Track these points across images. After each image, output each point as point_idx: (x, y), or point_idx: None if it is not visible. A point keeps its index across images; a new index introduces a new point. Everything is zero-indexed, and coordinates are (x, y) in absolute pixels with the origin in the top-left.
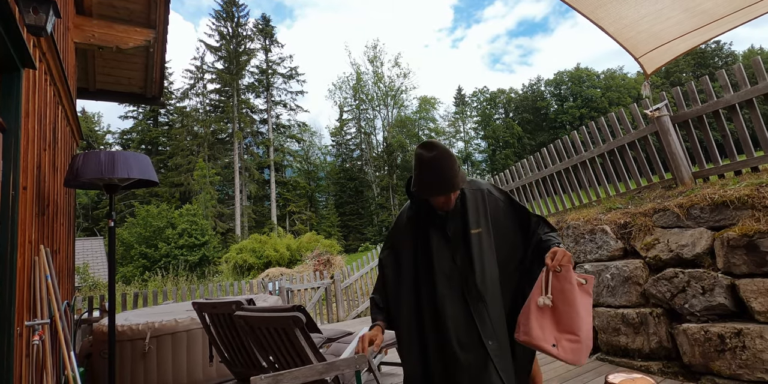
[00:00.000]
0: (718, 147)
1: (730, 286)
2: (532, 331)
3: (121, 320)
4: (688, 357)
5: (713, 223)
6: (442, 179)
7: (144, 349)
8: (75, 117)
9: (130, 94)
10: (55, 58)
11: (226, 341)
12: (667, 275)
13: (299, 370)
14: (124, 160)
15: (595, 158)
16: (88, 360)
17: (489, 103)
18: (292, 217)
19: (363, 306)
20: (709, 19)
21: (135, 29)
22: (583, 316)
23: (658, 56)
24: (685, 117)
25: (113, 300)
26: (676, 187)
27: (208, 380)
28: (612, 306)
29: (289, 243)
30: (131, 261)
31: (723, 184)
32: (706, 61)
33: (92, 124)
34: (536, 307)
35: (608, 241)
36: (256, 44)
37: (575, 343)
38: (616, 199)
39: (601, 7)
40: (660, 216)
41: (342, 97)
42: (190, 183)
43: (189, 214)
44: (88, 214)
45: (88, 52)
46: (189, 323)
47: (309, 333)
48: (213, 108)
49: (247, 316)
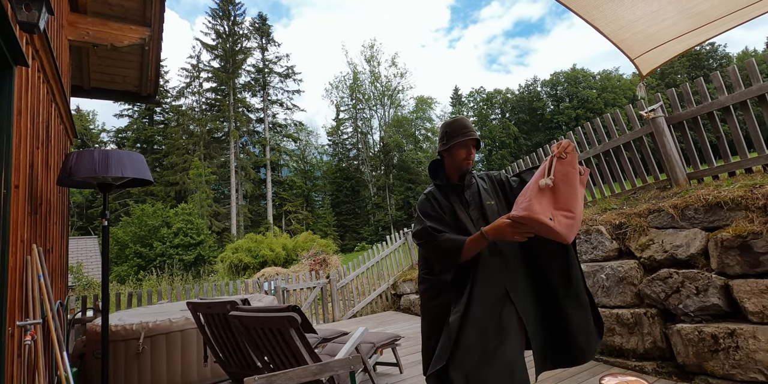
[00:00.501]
0: (712, 148)
1: (724, 286)
2: (533, 206)
3: (114, 320)
4: (682, 357)
5: (707, 224)
6: (471, 125)
7: (138, 349)
8: (69, 115)
9: (125, 93)
10: (49, 56)
11: (220, 341)
12: (662, 276)
13: (293, 371)
14: (118, 159)
15: (591, 159)
16: (81, 360)
17: (485, 103)
18: (288, 217)
19: (359, 306)
20: (705, 21)
21: (130, 27)
22: (579, 199)
23: (653, 57)
24: (679, 118)
25: (107, 299)
26: (670, 188)
27: (202, 380)
28: (607, 306)
29: (285, 242)
30: (126, 260)
31: (717, 185)
32: (701, 63)
33: (87, 123)
34: (537, 188)
35: (603, 241)
36: (253, 43)
37: (570, 219)
38: (612, 200)
39: (596, 8)
40: (655, 217)
41: (339, 96)
42: (185, 182)
43: (184, 214)
44: (82, 213)
45: (82, 50)
46: (183, 323)
47: (304, 333)
48: (209, 107)
49: (242, 316)
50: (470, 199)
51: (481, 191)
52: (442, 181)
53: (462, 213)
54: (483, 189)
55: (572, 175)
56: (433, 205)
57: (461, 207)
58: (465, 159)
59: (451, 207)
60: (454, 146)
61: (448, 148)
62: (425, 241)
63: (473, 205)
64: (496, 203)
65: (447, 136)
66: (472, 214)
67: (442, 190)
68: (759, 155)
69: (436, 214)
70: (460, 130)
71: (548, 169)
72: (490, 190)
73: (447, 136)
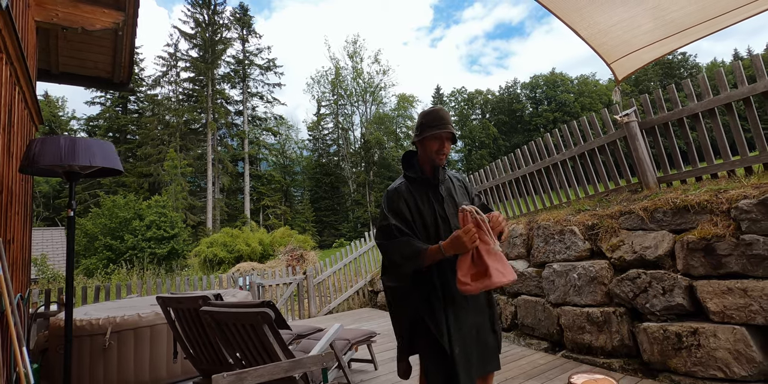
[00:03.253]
0: (682, 153)
1: (689, 287)
2: (507, 269)
3: (80, 314)
4: (648, 355)
5: (675, 227)
6: (449, 118)
7: (104, 344)
8: (34, 100)
9: (96, 79)
10: (13, 36)
11: (191, 337)
12: (631, 276)
13: (264, 368)
14: (87, 147)
15: (567, 161)
16: (43, 356)
17: (466, 103)
18: (266, 212)
19: (335, 302)
20: (677, 29)
21: (103, 10)
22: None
23: (628, 63)
24: (651, 123)
25: (71, 293)
26: (641, 191)
27: (172, 377)
28: (578, 305)
29: (262, 238)
30: (95, 253)
31: (685, 189)
32: (673, 72)
33: (56, 109)
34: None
35: (576, 241)
36: (233, 33)
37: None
38: (586, 201)
39: (575, 12)
40: (626, 218)
41: (320, 91)
42: (159, 173)
43: (158, 206)
44: (49, 203)
45: (50, 32)
46: (153, 318)
47: (278, 329)
48: (186, 97)
49: (214, 311)
50: (445, 195)
51: (455, 189)
52: (416, 173)
53: (434, 208)
54: (457, 186)
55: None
56: (401, 202)
57: (434, 202)
58: (437, 152)
59: (422, 203)
60: (428, 138)
61: (421, 139)
62: (387, 241)
63: (448, 201)
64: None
65: (422, 127)
66: (447, 209)
67: (414, 183)
68: (724, 161)
69: (402, 212)
70: (434, 122)
71: (491, 235)
72: (464, 192)
73: (422, 127)
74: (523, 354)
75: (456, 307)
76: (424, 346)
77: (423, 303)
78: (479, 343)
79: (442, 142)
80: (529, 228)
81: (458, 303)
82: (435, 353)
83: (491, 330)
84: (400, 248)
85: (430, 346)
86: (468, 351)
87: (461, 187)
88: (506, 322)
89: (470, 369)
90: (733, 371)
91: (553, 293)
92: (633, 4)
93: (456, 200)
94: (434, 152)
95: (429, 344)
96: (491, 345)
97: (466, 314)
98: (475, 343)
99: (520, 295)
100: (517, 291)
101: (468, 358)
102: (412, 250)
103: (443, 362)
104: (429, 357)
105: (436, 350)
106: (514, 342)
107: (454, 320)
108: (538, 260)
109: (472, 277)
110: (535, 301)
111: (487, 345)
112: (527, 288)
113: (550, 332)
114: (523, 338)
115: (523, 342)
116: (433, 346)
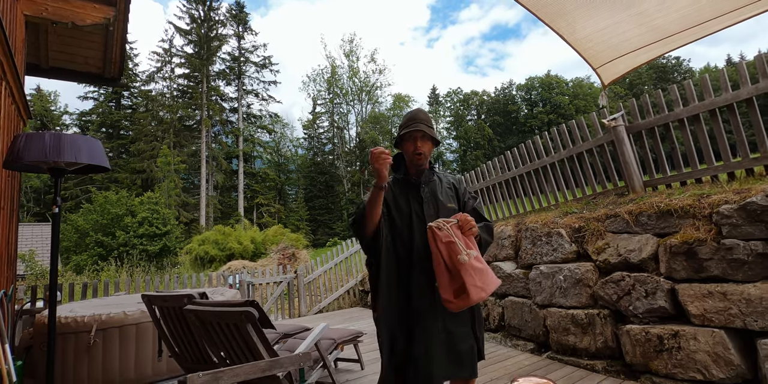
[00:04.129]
0: (668, 158)
1: (671, 290)
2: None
3: (65, 311)
4: (630, 356)
5: (659, 230)
6: (424, 117)
7: (89, 342)
8: (22, 95)
9: (87, 74)
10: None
11: (176, 336)
12: (615, 278)
13: (241, 367)
14: (72, 144)
15: (556, 164)
16: (28, 353)
17: (462, 104)
18: (260, 210)
19: (326, 301)
20: (663, 35)
21: (93, 5)
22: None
23: (614, 67)
24: (639, 128)
25: (54, 289)
26: (628, 195)
27: (157, 375)
28: (563, 306)
29: (254, 236)
30: (86, 249)
31: (669, 193)
32: (667, 76)
33: (48, 103)
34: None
35: (563, 244)
36: (229, 30)
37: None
38: (573, 204)
39: (561, 17)
40: (611, 221)
41: (316, 89)
42: (153, 170)
43: (150, 203)
44: (39, 198)
45: (40, 27)
46: (139, 316)
47: (262, 328)
48: (181, 93)
49: (198, 310)
50: (426, 197)
51: (440, 191)
52: (401, 174)
53: (411, 207)
54: (445, 189)
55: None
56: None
57: (413, 202)
58: (414, 152)
59: (401, 200)
60: (403, 139)
61: (399, 142)
62: (356, 214)
63: (429, 203)
64: (456, 208)
65: (399, 129)
66: (427, 210)
67: (398, 184)
68: (708, 167)
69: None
70: (406, 123)
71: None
72: (452, 195)
73: (399, 129)
74: (509, 355)
75: (426, 309)
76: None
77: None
78: (449, 346)
79: (415, 141)
80: (517, 230)
81: (428, 305)
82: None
83: (472, 335)
84: (362, 212)
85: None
86: (432, 354)
87: (450, 189)
88: (494, 323)
89: (432, 371)
90: (711, 373)
91: (539, 295)
92: (618, 10)
93: (439, 201)
94: (411, 153)
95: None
96: (465, 350)
97: (436, 316)
98: (444, 345)
99: (508, 296)
100: (504, 292)
101: (431, 360)
102: (362, 209)
103: (402, 358)
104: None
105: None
106: (501, 343)
107: (422, 320)
108: (525, 262)
109: (454, 294)
110: (522, 302)
111: (459, 350)
112: (515, 289)
113: (536, 333)
114: (510, 339)
115: (510, 343)
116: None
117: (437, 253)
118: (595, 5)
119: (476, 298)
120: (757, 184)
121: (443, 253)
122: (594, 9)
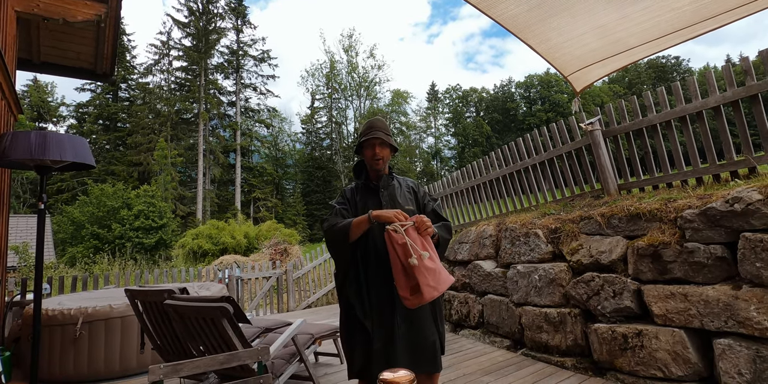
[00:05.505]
0: (642, 162)
1: (637, 290)
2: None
3: (53, 304)
4: (597, 354)
5: (629, 233)
6: (382, 125)
7: (75, 334)
8: (12, 90)
9: (78, 69)
10: None
11: (158, 329)
12: (586, 279)
13: (201, 360)
14: (58, 142)
15: (537, 165)
16: (16, 344)
17: (461, 100)
18: (257, 204)
19: (314, 297)
20: (624, 48)
21: (85, 2)
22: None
23: (583, 76)
24: (614, 132)
25: (40, 282)
26: (603, 197)
27: (141, 368)
28: (537, 305)
29: (248, 230)
30: (82, 241)
31: (640, 197)
32: (666, 75)
33: (45, 95)
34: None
35: (540, 244)
36: (227, 23)
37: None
38: (552, 205)
39: (527, 29)
40: (585, 223)
41: (314, 84)
42: (149, 163)
43: (147, 196)
44: (36, 190)
45: (32, 23)
46: (125, 309)
47: (237, 323)
48: (178, 86)
49: (177, 305)
50: (385, 201)
51: (399, 194)
52: (361, 180)
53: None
54: (404, 192)
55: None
56: (345, 199)
57: (371, 206)
58: (372, 158)
59: (362, 204)
60: (363, 147)
61: (359, 149)
62: (330, 223)
63: (388, 206)
64: (414, 210)
65: (359, 136)
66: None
67: (358, 189)
68: (678, 171)
69: (345, 204)
70: (364, 131)
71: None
72: (411, 198)
73: (359, 136)
74: (485, 351)
75: (385, 306)
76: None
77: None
78: (410, 341)
79: (374, 148)
80: (498, 229)
81: (387, 302)
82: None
83: (434, 330)
84: (335, 219)
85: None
86: (395, 348)
87: (409, 192)
88: (474, 320)
89: (395, 365)
90: (671, 371)
91: (516, 293)
92: (580, 24)
93: (398, 204)
94: (371, 158)
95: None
96: (426, 344)
97: (394, 312)
98: (404, 340)
99: (488, 294)
100: (484, 290)
101: (394, 354)
102: (345, 221)
103: (362, 355)
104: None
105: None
106: (479, 339)
107: (382, 316)
108: (504, 261)
109: (410, 292)
110: (500, 300)
111: (419, 344)
112: (494, 288)
113: (512, 331)
114: (488, 336)
115: (488, 340)
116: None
117: (394, 254)
118: (558, 19)
119: (429, 296)
120: (720, 190)
121: (399, 254)
122: (557, 21)
